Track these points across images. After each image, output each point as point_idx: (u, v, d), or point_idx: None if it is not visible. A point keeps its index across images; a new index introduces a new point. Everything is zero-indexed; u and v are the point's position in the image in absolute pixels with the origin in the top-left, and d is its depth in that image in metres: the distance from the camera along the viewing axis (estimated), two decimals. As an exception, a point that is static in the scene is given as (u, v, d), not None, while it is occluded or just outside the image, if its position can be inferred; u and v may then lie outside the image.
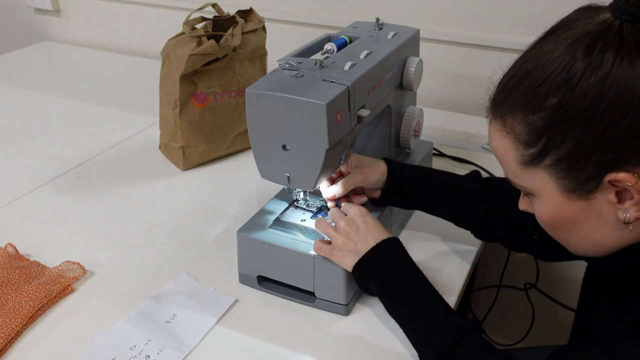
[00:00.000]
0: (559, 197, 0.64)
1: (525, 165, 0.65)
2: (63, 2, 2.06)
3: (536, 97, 0.61)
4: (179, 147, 1.25)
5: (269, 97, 0.80)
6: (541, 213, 0.68)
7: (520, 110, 0.63)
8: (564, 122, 0.60)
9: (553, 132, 0.61)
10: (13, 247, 1.00)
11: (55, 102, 1.61)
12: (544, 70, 0.61)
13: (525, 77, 0.62)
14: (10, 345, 0.83)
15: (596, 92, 0.57)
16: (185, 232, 1.07)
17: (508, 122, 0.64)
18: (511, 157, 0.66)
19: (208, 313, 0.88)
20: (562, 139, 0.60)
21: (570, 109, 0.59)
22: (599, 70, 0.57)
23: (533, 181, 0.65)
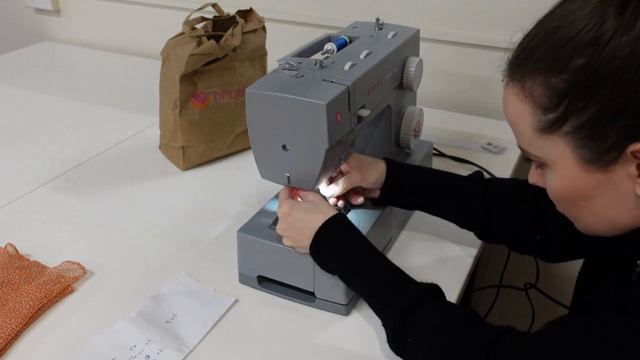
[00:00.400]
0: (575, 168, 0.61)
1: (542, 133, 0.61)
2: (63, 2, 2.06)
3: (560, 58, 0.58)
4: (179, 147, 1.25)
5: (269, 97, 0.80)
6: (554, 186, 0.64)
7: (541, 72, 0.59)
8: (589, 85, 0.56)
9: (576, 95, 0.57)
10: (13, 247, 1.00)
11: (55, 102, 1.61)
12: (570, 29, 0.57)
13: (549, 36, 0.59)
14: (10, 345, 0.83)
15: (627, 53, 0.54)
16: (185, 232, 1.07)
17: (527, 85, 0.61)
18: (527, 124, 0.62)
19: (208, 313, 0.88)
20: (586, 104, 0.57)
21: (598, 71, 0.56)
22: (632, 30, 0.54)
23: (548, 150, 0.62)
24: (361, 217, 0.95)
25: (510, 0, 1.37)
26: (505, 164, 1.27)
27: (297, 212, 0.84)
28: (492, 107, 1.49)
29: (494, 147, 1.32)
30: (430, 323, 0.71)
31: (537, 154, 0.64)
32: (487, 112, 1.50)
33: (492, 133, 1.39)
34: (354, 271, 0.80)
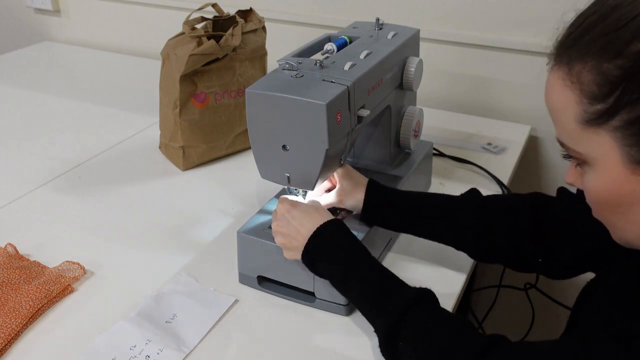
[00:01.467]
0: (620, 169, 0.55)
1: (587, 125, 0.55)
2: (63, 2, 2.06)
3: (616, 41, 0.52)
4: (179, 147, 1.25)
5: (269, 97, 0.80)
6: (594, 187, 0.58)
7: (593, 56, 0.53)
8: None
9: (631, 85, 0.51)
10: (13, 247, 1.00)
11: (55, 102, 1.61)
12: (632, 8, 0.52)
13: (606, 16, 0.53)
14: (10, 345, 0.83)
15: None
16: (185, 232, 1.07)
17: (575, 69, 0.54)
18: (571, 114, 0.56)
19: (208, 313, 0.88)
20: (639, 96, 0.51)
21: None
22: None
23: (592, 146, 0.55)
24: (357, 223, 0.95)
25: (510, 0, 1.37)
26: (505, 164, 1.27)
27: (296, 211, 0.84)
28: (492, 107, 1.49)
29: (494, 147, 1.32)
30: (423, 329, 0.69)
31: (579, 150, 0.57)
32: (487, 112, 1.50)
33: (492, 133, 1.39)
34: (347, 275, 0.79)
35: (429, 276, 0.95)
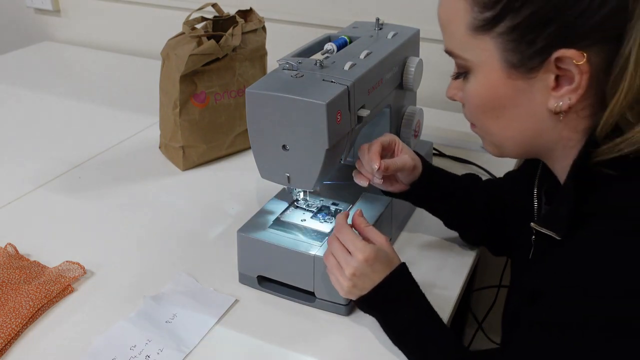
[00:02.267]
0: (498, 73, 0.61)
1: (475, 32, 0.60)
2: (63, 2, 2.06)
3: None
4: (179, 147, 1.25)
5: (269, 97, 0.80)
6: (474, 91, 0.64)
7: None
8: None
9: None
10: (13, 247, 1.00)
11: (55, 102, 1.61)
12: None
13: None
14: (10, 345, 0.83)
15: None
16: (185, 232, 1.07)
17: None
18: (461, 22, 0.61)
19: (208, 313, 0.88)
20: (522, 5, 0.56)
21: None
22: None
23: (477, 52, 0.61)
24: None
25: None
26: (504, 164, 1.26)
27: (378, 264, 0.78)
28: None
29: (494, 147, 1.32)
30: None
31: (465, 56, 0.63)
32: (487, 112, 1.49)
33: (492, 133, 1.39)
34: (407, 339, 0.78)
35: (429, 276, 0.95)
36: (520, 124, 0.63)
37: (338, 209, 0.97)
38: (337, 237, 0.81)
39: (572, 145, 0.63)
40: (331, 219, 0.95)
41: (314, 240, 0.89)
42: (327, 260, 0.82)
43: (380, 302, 0.79)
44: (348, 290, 0.79)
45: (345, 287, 0.79)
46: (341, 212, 0.85)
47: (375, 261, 0.78)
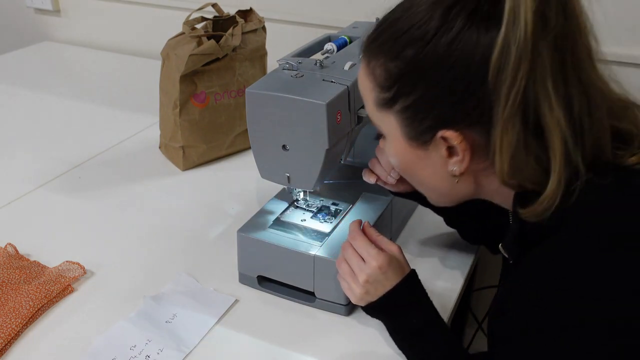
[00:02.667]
0: (402, 142, 0.68)
1: (380, 107, 0.68)
2: (63, 2, 2.05)
3: (396, 46, 0.64)
4: (179, 147, 1.25)
5: (269, 97, 0.80)
6: (390, 154, 0.73)
7: (383, 55, 0.65)
8: (414, 75, 0.63)
9: (404, 81, 0.64)
10: (13, 247, 1.00)
11: (55, 102, 1.61)
12: (408, 21, 0.63)
13: (393, 24, 0.65)
14: (10, 345, 0.83)
15: (442, 53, 0.60)
16: (185, 232, 1.07)
17: (371, 64, 0.67)
18: (370, 97, 0.69)
19: (208, 313, 0.88)
20: (410, 90, 0.64)
21: (420, 64, 0.62)
22: (449, 32, 0.60)
23: (384, 123, 0.69)
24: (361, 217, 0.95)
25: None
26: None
27: (391, 272, 0.79)
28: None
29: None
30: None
31: (377, 124, 0.71)
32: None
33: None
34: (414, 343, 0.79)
35: (429, 276, 0.95)
36: (433, 182, 0.71)
37: (338, 209, 0.97)
38: (350, 244, 0.82)
39: (506, 195, 0.68)
40: (331, 219, 0.95)
41: (314, 240, 0.89)
42: (340, 266, 0.83)
43: (390, 308, 0.80)
44: (360, 297, 0.80)
45: (358, 294, 0.80)
46: (355, 219, 0.86)
47: (389, 269, 0.79)
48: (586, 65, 0.61)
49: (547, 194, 0.60)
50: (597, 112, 0.61)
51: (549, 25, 0.57)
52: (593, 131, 0.60)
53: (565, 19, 0.58)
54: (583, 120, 0.60)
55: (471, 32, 0.59)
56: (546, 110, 0.58)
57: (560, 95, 0.58)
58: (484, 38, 0.58)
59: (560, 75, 0.58)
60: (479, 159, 0.65)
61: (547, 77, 0.58)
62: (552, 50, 0.57)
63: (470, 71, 0.59)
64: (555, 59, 0.58)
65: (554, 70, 0.58)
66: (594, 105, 0.60)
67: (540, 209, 0.61)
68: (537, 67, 0.57)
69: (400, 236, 1.04)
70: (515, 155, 0.60)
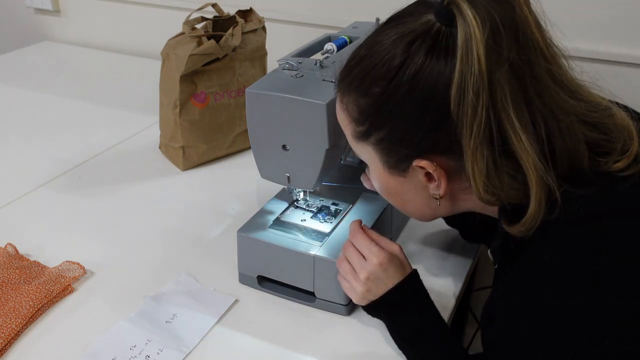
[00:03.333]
0: (383, 171, 0.71)
1: (357, 140, 0.71)
2: (63, 2, 2.06)
3: (364, 84, 0.66)
4: (179, 147, 1.25)
5: (269, 97, 0.80)
6: (374, 181, 0.76)
7: (353, 92, 0.67)
8: (383, 110, 0.65)
9: (375, 116, 0.66)
10: (13, 247, 1.00)
11: (55, 102, 1.61)
12: (373, 59, 0.65)
13: (359, 62, 0.67)
14: (10, 345, 0.83)
15: (407, 88, 0.62)
16: (185, 232, 1.07)
17: (344, 100, 0.69)
18: (347, 130, 0.72)
19: (208, 313, 0.88)
20: (382, 125, 0.66)
21: (387, 100, 0.64)
22: (411, 67, 0.62)
23: (364, 154, 0.72)
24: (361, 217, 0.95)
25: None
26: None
27: (392, 268, 0.80)
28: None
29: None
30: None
31: (359, 155, 0.74)
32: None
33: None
34: (414, 343, 0.79)
35: (429, 276, 0.95)
36: (416, 205, 0.74)
37: (338, 209, 0.97)
38: (351, 242, 0.82)
39: (489, 210, 0.71)
40: (331, 219, 0.95)
41: (314, 240, 0.89)
42: (340, 265, 0.83)
43: (391, 307, 0.80)
44: (362, 295, 0.80)
45: (359, 292, 0.80)
46: (355, 219, 0.86)
47: (389, 266, 0.79)
48: (549, 86, 0.61)
49: (528, 216, 0.62)
50: (566, 129, 0.62)
51: (503, 55, 0.58)
52: (566, 147, 0.62)
53: (519, 46, 0.59)
54: (552, 140, 0.61)
55: (432, 66, 0.61)
56: (512, 137, 0.60)
57: (523, 122, 0.59)
58: (444, 70, 0.60)
59: (522, 101, 0.60)
60: (458, 180, 0.67)
61: (508, 106, 0.59)
62: (510, 79, 0.59)
63: (435, 103, 0.61)
64: (514, 86, 0.59)
65: (515, 98, 0.59)
66: (562, 125, 0.61)
67: (524, 229, 0.63)
68: (496, 97, 0.58)
69: (400, 236, 1.05)
70: (489, 177, 0.62)
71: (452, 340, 0.78)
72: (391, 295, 0.79)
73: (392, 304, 0.80)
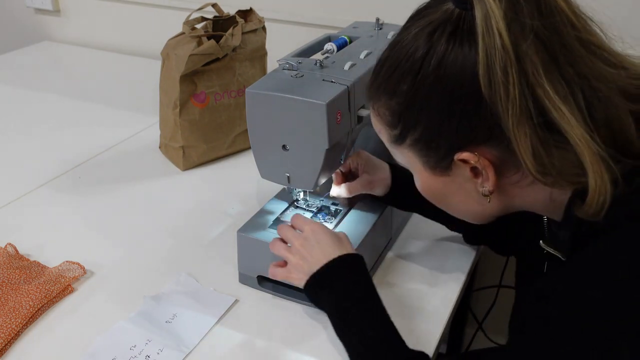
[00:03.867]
0: (426, 173, 0.68)
1: (395, 145, 0.68)
2: (63, 2, 2.05)
3: (391, 83, 0.64)
4: (179, 147, 1.25)
5: (269, 97, 0.80)
6: (418, 186, 0.72)
7: (382, 95, 0.66)
8: (414, 107, 0.63)
9: (407, 115, 0.64)
10: (13, 247, 1.00)
11: (55, 102, 1.61)
12: (396, 57, 0.64)
13: (383, 64, 0.66)
14: (10, 345, 0.83)
15: (433, 79, 0.60)
16: (185, 232, 1.07)
17: (376, 106, 0.68)
18: (384, 136, 0.70)
19: (208, 313, 0.88)
20: (415, 123, 0.64)
21: (416, 95, 0.62)
22: (435, 57, 0.60)
23: (403, 158, 0.70)
24: (361, 217, 0.95)
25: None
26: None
27: (324, 237, 0.81)
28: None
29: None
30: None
31: (399, 161, 0.72)
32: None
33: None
34: (352, 312, 0.76)
35: (429, 276, 0.95)
36: (466, 206, 0.70)
37: (338, 209, 0.97)
38: (284, 225, 0.86)
39: (554, 203, 0.66)
40: (331, 218, 0.95)
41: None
42: (273, 246, 0.84)
43: (329, 280, 0.79)
44: (296, 266, 0.81)
45: (294, 263, 0.81)
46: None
47: (321, 234, 0.81)
48: (582, 55, 0.58)
49: (591, 193, 0.58)
50: (605, 98, 0.58)
51: (526, 26, 0.56)
52: (608, 118, 0.58)
53: (542, 15, 0.57)
54: (592, 112, 0.58)
55: (456, 52, 0.59)
56: (552, 111, 0.57)
57: (562, 93, 0.57)
58: (469, 55, 0.58)
59: (556, 72, 0.57)
60: (507, 172, 0.63)
61: (541, 79, 0.56)
62: (538, 50, 0.56)
63: (465, 89, 0.59)
64: (545, 57, 0.57)
65: (548, 69, 0.57)
66: (601, 94, 0.58)
67: (592, 210, 0.58)
68: (527, 71, 0.56)
69: (400, 236, 1.05)
70: (536, 155, 0.58)
71: (392, 328, 0.76)
72: (327, 268, 0.78)
73: (329, 277, 0.78)
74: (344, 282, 0.78)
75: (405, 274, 0.96)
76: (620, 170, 0.58)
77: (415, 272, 0.97)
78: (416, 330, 0.85)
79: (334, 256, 0.79)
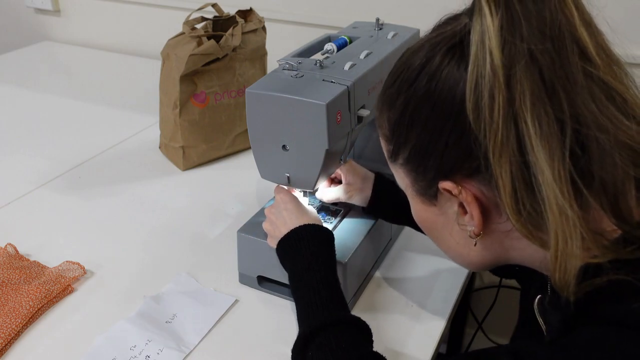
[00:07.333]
0: (416, 199, 0.62)
1: (390, 162, 0.64)
2: (63, 2, 2.06)
3: (391, 95, 0.60)
4: (179, 147, 1.25)
5: (269, 97, 0.80)
6: (413, 215, 0.66)
7: (384, 106, 0.62)
8: (405, 121, 0.58)
9: (399, 130, 0.59)
10: (13, 247, 1.00)
11: (55, 102, 1.61)
12: (399, 67, 0.61)
13: (390, 75, 0.62)
14: (10, 345, 0.83)
15: (423, 92, 0.55)
16: (185, 232, 1.07)
17: (379, 118, 0.64)
18: (385, 151, 0.65)
19: (208, 313, 0.88)
20: (405, 138, 0.59)
21: (409, 109, 0.57)
22: (429, 70, 0.55)
23: (398, 177, 0.64)
24: (361, 217, 0.95)
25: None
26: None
27: (291, 205, 0.85)
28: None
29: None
30: (332, 349, 0.68)
31: (397, 180, 0.65)
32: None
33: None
34: (304, 274, 0.78)
35: (428, 276, 0.95)
36: (452, 244, 0.62)
37: (338, 209, 0.97)
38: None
39: (545, 266, 0.57)
40: (331, 219, 0.95)
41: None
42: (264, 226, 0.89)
43: (289, 244, 0.81)
44: (267, 231, 0.86)
45: (266, 228, 0.87)
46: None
47: (289, 203, 0.85)
48: (589, 94, 0.49)
49: (550, 257, 0.50)
50: (604, 157, 0.49)
51: (521, 47, 0.49)
52: (603, 182, 0.50)
53: (545, 38, 0.49)
54: (583, 166, 0.49)
55: (450, 67, 0.54)
56: (528, 150, 0.49)
57: (544, 131, 0.48)
58: (462, 72, 0.52)
59: (546, 105, 0.49)
60: (496, 217, 0.56)
61: (525, 108, 0.48)
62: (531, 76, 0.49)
63: (455, 108, 0.53)
64: (536, 86, 0.49)
65: (536, 99, 0.48)
66: (600, 149, 0.49)
67: (556, 282, 0.51)
68: (514, 98, 0.49)
69: (400, 236, 1.05)
70: (516, 198, 0.50)
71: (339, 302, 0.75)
72: (292, 233, 0.81)
73: (293, 240, 0.80)
74: (302, 250, 0.80)
75: (406, 274, 0.96)
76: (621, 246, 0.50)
77: (415, 272, 0.97)
78: (416, 330, 0.85)
79: (299, 224, 0.82)
